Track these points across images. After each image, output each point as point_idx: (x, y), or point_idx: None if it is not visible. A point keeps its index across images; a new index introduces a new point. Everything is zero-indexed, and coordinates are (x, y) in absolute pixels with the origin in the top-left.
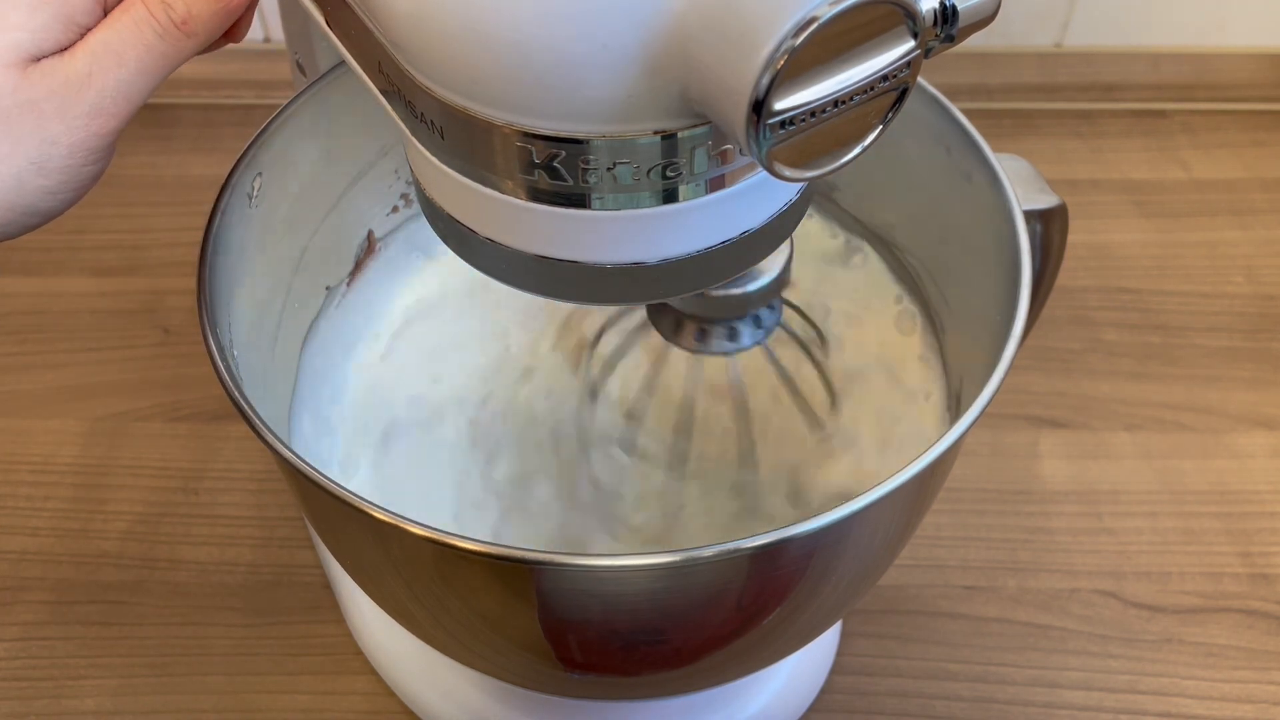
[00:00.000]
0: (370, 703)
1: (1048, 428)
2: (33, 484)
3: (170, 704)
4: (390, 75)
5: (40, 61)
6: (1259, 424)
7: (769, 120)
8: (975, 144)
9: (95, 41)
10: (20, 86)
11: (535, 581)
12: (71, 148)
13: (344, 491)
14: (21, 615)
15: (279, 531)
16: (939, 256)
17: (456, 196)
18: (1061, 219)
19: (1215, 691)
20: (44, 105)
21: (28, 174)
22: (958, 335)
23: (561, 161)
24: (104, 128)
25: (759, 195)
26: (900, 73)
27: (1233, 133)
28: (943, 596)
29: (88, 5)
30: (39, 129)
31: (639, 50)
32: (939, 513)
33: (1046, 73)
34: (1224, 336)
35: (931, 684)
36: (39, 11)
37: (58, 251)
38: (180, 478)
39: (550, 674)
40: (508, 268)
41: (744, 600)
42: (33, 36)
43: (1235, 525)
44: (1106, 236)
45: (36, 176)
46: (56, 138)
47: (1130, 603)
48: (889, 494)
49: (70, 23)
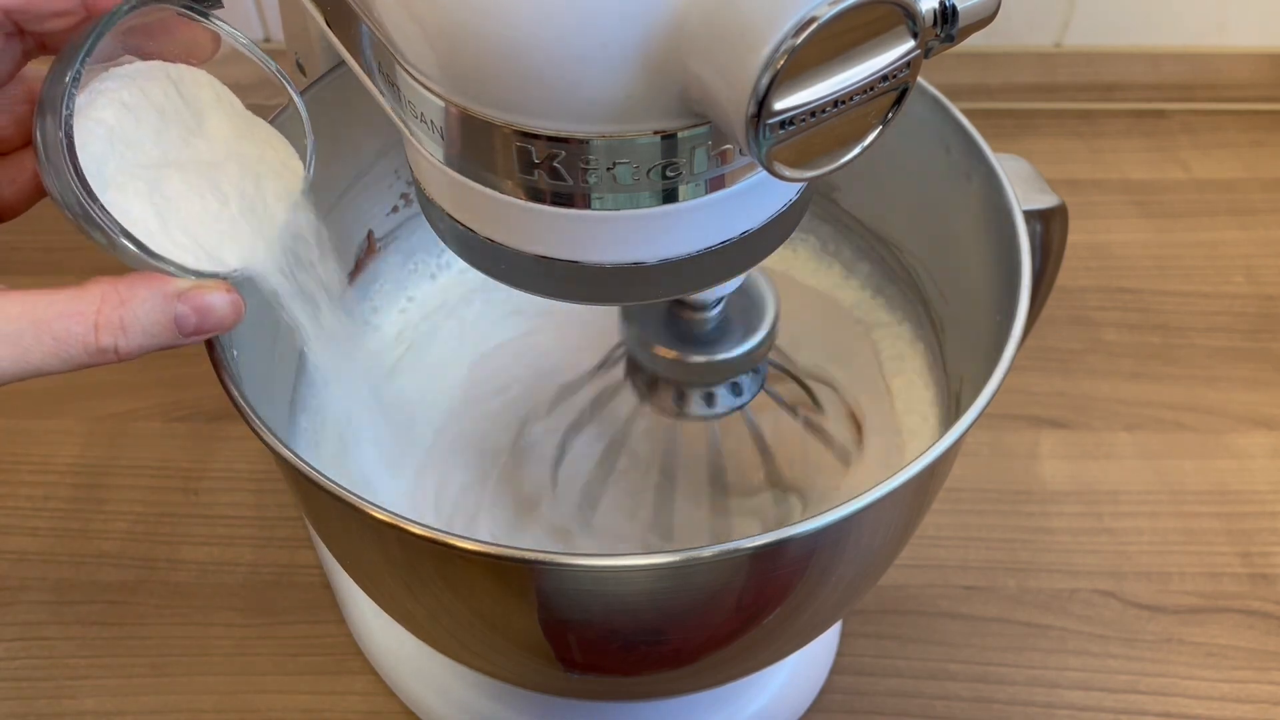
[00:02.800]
0: (370, 703)
1: (1048, 428)
2: (33, 484)
3: (170, 704)
4: (390, 75)
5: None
6: (1259, 424)
7: (769, 120)
8: (975, 144)
9: (20, 315)
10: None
11: (535, 581)
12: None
13: (344, 491)
14: (21, 615)
15: (279, 531)
16: (939, 256)
17: (456, 196)
18: (1061, 219)
19: (1215, 691)
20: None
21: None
22: (958, 335)
23: (561, 161)
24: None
25: (759, 195)
26: (900, 73)
27: (1233, 133)
28: (943, 596)
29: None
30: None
31: (639, 50)
32: (939, 513)
33: (1046, 73)
34: (1224, 336)
35: (931, 684)
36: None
37: (58, 251)
38: (180, 478)
39: (550, 674)
40: (507, 268)
41: (744, 600)
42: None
43: (1235, 525)
44: (1106, 236)
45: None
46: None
47: (1130, 603)
48: (889, 494)
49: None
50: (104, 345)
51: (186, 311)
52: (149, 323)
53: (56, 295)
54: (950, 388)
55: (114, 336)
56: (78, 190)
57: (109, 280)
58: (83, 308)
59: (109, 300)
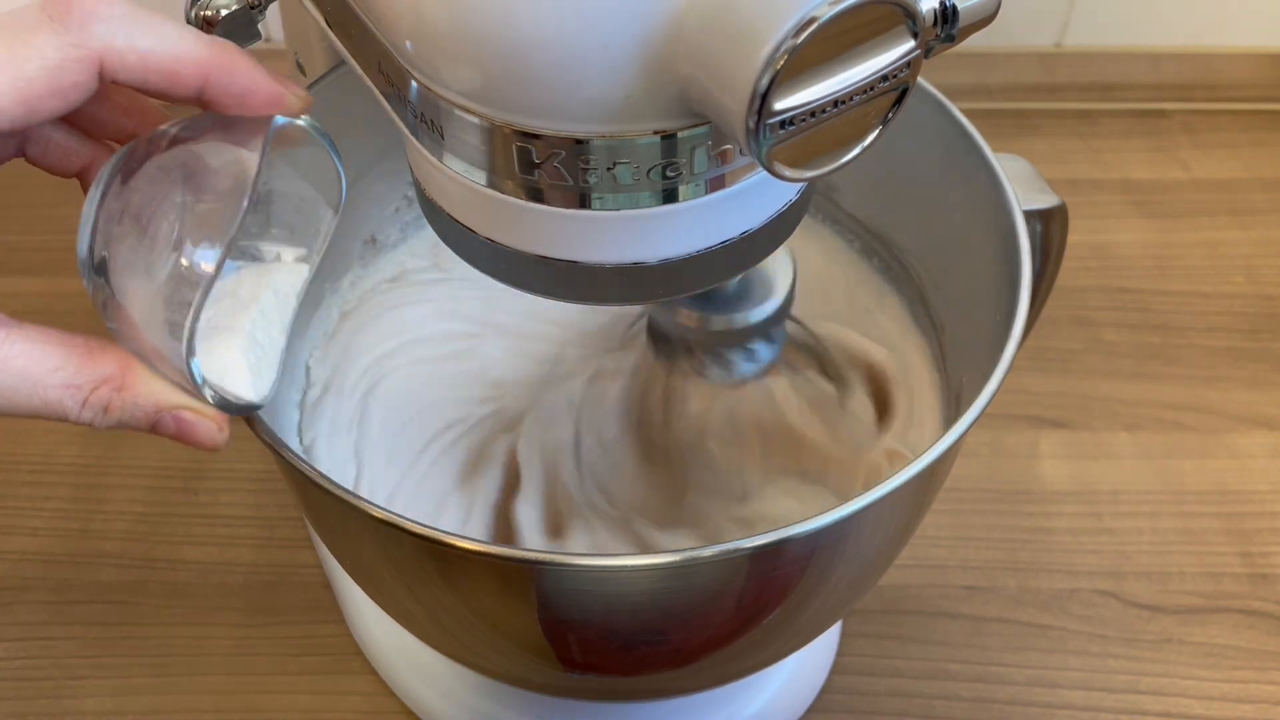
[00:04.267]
0: (370, 703)
1: (1048, 428)
2: (33, 484)
3: (170, 704)
4: (390, 75)
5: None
6: (1259, 424)
7: (769, 120)
8: (975, 144)
9: (21, 371)
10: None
11: (535, 581)
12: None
13: (344, 492)
14: (21, 615)
15: (279, 531)
16: (939, 256)
17: (456, 197)
18: (1061, 219)
19: (1215, 691)
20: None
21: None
22: (958, 335)
23: (561, 161)
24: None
25: (759, 195)
26: (900, 73)
27: (1233, 133)
28: (943, 596)
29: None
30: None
31: (639, 50)
32: (939, 513)
33: (1046, 73)
34: (1224, 336)
35: (931, 684)
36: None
37: (58, 251)
38: (180, 478)
39: (550, 674)
40: (508, 268)
41: (744, 600)
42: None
43: (1235, 525)
44: (1106, 236)
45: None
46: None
47: (1130, 603)
48: (889, 494)
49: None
50: (83, 419)
51: (169, 421)
52: (131, 416)
53: (64, 359)
54: (950, 388)
55: (95, 414)
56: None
57: (118, 358)
58: (81, 382)
59: (110, 384)
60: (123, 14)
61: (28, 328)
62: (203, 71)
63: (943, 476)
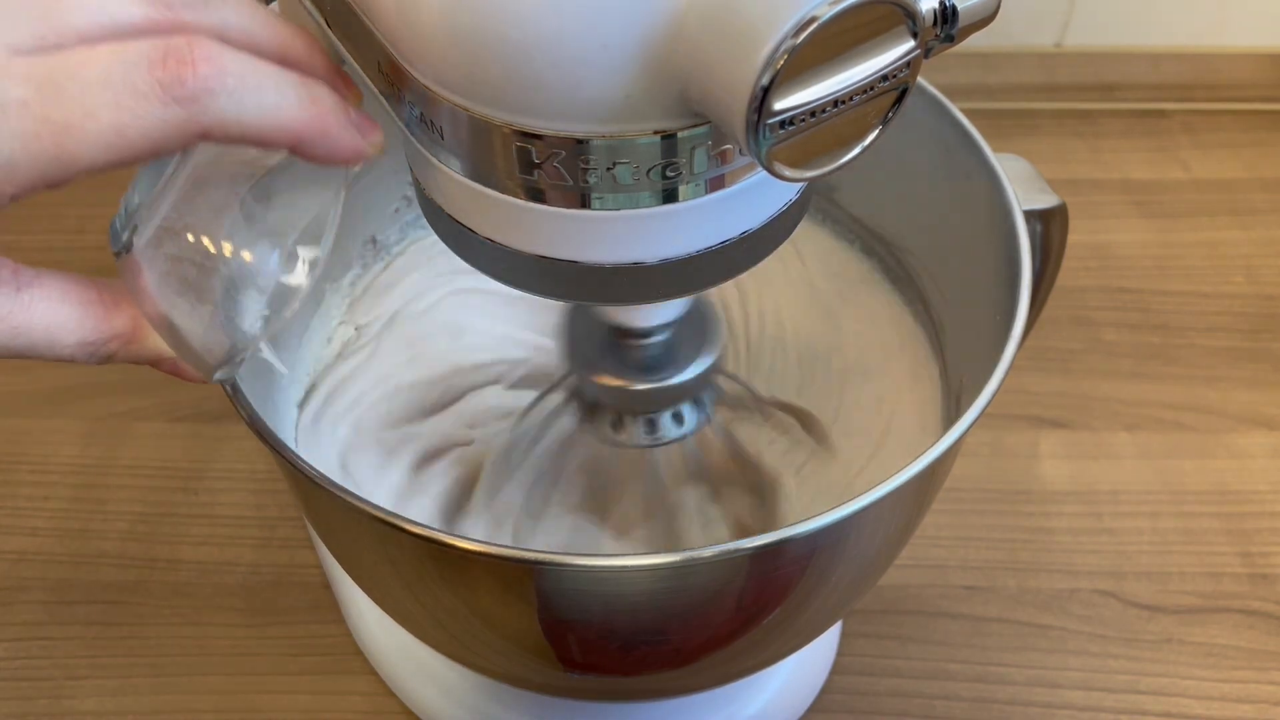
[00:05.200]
0: (370, 703)
1: (1048, 428)
2: (33, 484)
3: (170, 704)
4: (390, 75)
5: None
6: (1259, 424)
7: (769, 120)
8: (975, 144)
9: (39, 315)
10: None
11: (535, 581)
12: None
13: (344, 492)
14: (21, 615)
15: (279, 531)
16: (939, 256)
17: (456, 196)
18: (1061, 219)
19: (1215, 691)
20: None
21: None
22: (958, 335)
23: (561, 161)
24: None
25: (759, 195)
26: (900, 73)
27: (1233, 133)
28: (943, 596)
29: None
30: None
31: (639, 50)
32: (939, 513)
33: (1046, 73)
34: (1224, 336)
35: (931, 684)
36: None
37: (58, 252)
38: (180, 478)
39: (550, 674)
40: (507, 268)
41: (744, 600)
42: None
43: (1235, 525)
44: (1106, 236)
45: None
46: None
47: (1130, 603)
48: (889, 494)
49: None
50: (88, 364)
51: (169, 364)
52: (133, 360)
53: (81, 320)
54: (950, 388)
55: (99, 360)
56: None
57: (131, 315)
58: (95, 340)
59: (120, 339)
60: (235, 85)
61: (47, 282)
62: (296, 138)
63: (943, 476)
